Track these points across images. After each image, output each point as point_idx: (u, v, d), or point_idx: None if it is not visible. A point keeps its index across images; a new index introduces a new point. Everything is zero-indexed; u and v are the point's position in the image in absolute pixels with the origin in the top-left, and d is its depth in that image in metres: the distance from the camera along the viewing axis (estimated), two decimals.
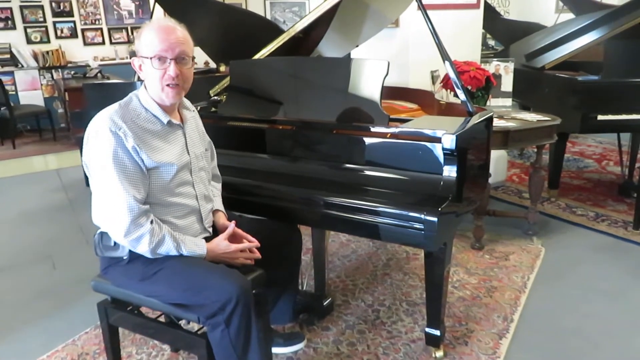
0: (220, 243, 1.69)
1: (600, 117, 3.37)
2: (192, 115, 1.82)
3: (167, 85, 1.60)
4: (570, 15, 6.07)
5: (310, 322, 2.32)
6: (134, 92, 1.68)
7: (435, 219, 1.63)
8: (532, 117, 3.02)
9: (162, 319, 1.89)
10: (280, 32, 2.83)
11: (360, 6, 2.80)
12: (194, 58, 1.66)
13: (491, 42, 8.37)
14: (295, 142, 2.11)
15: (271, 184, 2.01)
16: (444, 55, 2.10)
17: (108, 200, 1.57)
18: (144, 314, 1.85)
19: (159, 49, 1.56)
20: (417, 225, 1.68)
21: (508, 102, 3.36)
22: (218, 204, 1.90)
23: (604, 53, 3.51)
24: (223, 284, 1.54)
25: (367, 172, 1.92)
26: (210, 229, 1.82)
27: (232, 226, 1.74)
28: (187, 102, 1.82)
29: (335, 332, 2.28)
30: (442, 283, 1.97)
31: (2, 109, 6.26)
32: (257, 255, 1.76)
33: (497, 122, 2.89)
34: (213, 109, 2.51)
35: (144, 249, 1.57)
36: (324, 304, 2.37)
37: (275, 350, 2.07)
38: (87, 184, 4.53)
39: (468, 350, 2.14)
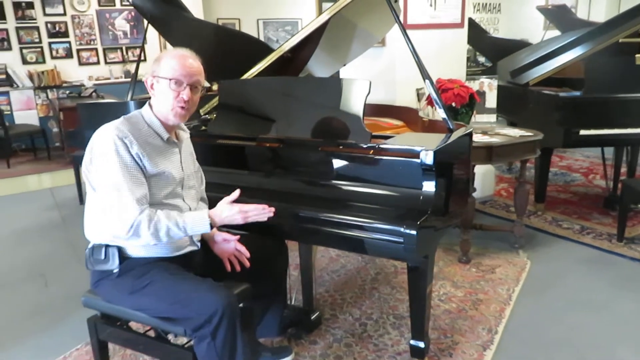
0: (224, 208, 1.72)
1: (582, 132, 3.45)
2: (186, 136, 1.91)
3: (179, 106, 1.71)
4: (557, 32, 6.23)
5: (299, 336, 2.36)
6: (138, 110, 1.79)
7: (414, 232, 1.69)
8: (515, 132, 3.10)
9: (151, 334, 1.92)
10: (271, 51, 2.90)
11: (348, 26, 2.89)
12: (203, 88, 1.80)
13: (481, 59, 8.54)
14: (281, 159, 2.17)
15: (258, 200, 2.06)
16: (424, 74, 2.18)
17: (111, 204, 1.61)
18: (132, 329, 1.88)
19: (178, 73, 1.69)
20: (398, 239, 1.73)
21: (492, 118, 3.44)
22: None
23: (584, 69, 3.60)
24: (210, 297, 1.58)
25: (350, 188, 1.98)
26: (199, 243, 1.87)
27: (237, 192, 1.77)
28: (182, 124, 1.89)
29: (322, 346, 2.32)
30: (425, 296, 2.01)
31: None
32: (246, 263, 1.86)
33: (480, 138, 2.97)
34: (203, 128, 2.58)
35: (145, 235, 1.60)
36: (312, 318, 2.41)
37: None
38: (81, 202, 4.58)
39: None
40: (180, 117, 1.75)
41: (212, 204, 2.03)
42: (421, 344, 2.09)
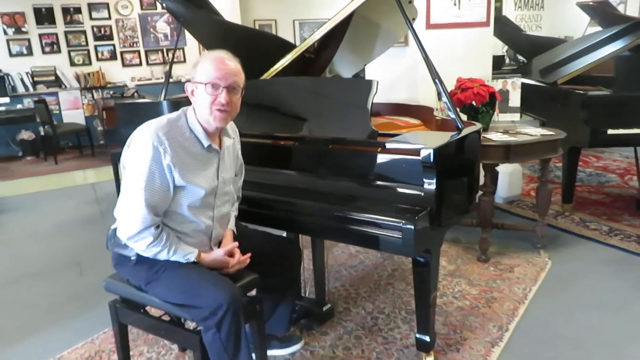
0: (218, 256, 1.83)
1: (610, 132, 3.38)
2: (229, 143, 1.93)
3: (217, 109, 1.73)
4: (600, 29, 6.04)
5: (310, 327, 2.44)
6: (183, 110, 1.82)
7: (411, 227, 1.74)
8: (536, 131, 3.07)
9: (166, 318, 2.05)
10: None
11: (369, 24, 2.94)
12: (243, 89, 1.81)
13: (522, 57, 8.36)
14: (292, 157, 2.26)
15: (264, 194, 2.17)
16: (434, 74, 2.21)
17: (128, 204, 1.72)
18: (148, 313, 2.01)
19: (213, 77, 1.71)
20: (397, 234, 1.79)
21: (516, 117, 3.42)
22: (230, 221, 2.00)
23: (614, 68, 3.52)
24: (215, 290, 1.67)
25: (355, 184, 2.04)
26: (215, 247, 1.92)
27: (234, 244, 1.88)
28: (229, 129, 1.93)
29: (332, 337, 2.39)
30: (430, 290, 2.05)
31: (46, 127, 6.70)
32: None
33: (500, 137, 2.97)
34: None
35: (141, 248, 1.73)
36: (324, 310, 2.49)
37: (272, 352, 2.20)
38: (119, 195, 4.82)
39: (459, 357, 2.21)
40: (221, 121, 1.76)
41: None
42: (426, 338, 2.12)
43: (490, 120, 3.20)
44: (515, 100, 3.42)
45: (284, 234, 2.52)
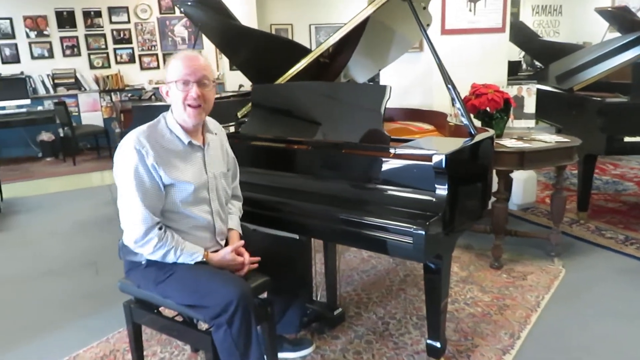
0: (226, 255, 1.85)
1: (627, 139, 3.34)
2: (213, 138, 1.97)
3: (189, 105, 1.78)
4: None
5: (321, 330, 2.46)
6: (162, 114, 1.88)
7: (422, 232, 1.74)
8: (551, 138, 3.06)
9: (179, 319, 2.08)
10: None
11: (384, 29, 2.96)
12: (214, 82, 1.87)
13: (539, 63, 8.30)
14: (304, 160, 2.28)
15: (276, 197, 2.20)
16: (447, 80, 2.22)
17: (126, 210, 1.77)
18: (161, 313, 2.05)
19: (183, 74, 1.76)
20: (408, 239, 1.79)
21: (531, 123, 3.40)
22: (234, 222, 2.04)
23: (632, 74, 3.49)
24: (225, 288, 1.70)
25: (367, 189, 2.06)
26: (223, 243, 1.96)
27: (240, 242, 1.91)
28: (211, 126, 1.98)
29: (343, 341, 2.40)
30: (440, 297, 2.05)
31: (65, 128, 6.82)
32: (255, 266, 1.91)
33: (514, 143, 2.96)
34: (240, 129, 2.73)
35: (148, 251, 1.77)
36: (335, 314, 2.50)
37: (283, 355, 2.22)
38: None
39: None
40: (196, 117, 1.80)
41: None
42: (437, 344, 2.12)
43: (505, 127, 3.19)
44: (530, 106, 3.41)
45: (296, 236, 2.54)
